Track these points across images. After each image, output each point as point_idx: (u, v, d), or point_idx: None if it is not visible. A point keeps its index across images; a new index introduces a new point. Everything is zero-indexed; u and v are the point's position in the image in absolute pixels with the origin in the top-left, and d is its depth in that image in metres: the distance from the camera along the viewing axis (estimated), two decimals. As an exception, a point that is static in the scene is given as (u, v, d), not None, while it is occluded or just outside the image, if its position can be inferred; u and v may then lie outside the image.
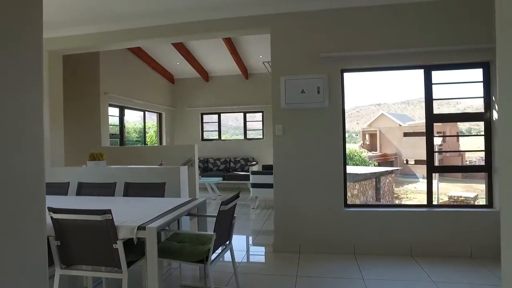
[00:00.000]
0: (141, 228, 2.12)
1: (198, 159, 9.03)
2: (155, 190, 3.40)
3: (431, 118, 3.68)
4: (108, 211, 2.08)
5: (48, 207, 2.18)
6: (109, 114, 6.50)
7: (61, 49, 4.67)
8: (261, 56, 7.98)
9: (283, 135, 3.77)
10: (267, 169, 7.06)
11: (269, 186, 6.06)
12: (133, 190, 3.47)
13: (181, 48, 7.43)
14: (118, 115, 7.01)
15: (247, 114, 9.25)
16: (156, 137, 9.04)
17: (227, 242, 2.74)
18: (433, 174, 3.69)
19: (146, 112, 8.25)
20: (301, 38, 3.75)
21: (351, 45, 3.62)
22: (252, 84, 8.99)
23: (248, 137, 9.30)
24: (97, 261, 2.23)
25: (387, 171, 15.70)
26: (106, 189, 3.52)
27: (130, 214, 2.51)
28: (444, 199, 12.99)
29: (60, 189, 3.64)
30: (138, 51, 7.51)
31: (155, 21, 4.18)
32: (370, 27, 3.60)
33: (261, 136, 9.17)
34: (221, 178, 7.86)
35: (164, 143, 9.02)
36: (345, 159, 3.76)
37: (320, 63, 3.69)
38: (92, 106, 6.20)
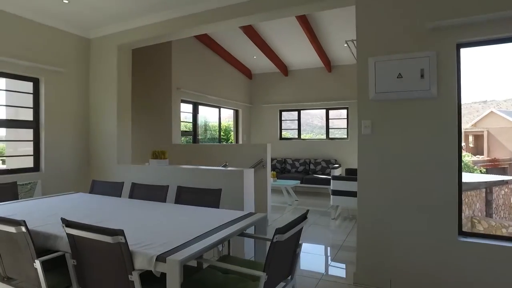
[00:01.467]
0: (161, 258, 1.54)
1: (276, 159, 8.46)
2: (209, 197, 2.85)
3: None
4: (120, 232, 1.54)
5: (61, 219, 1.75)
6: (181, 110, 6.29)
7: (129, 43, 4.50)
8: (345, 45, 6.99)
9: (372, 134, 2.88)
10: (351, 174, 6.09)
11: (353, 194, 5.12)
12: (185, 195, 2.98)
13: (257, 40, 6.90)
14: (191, 111, 6.80)
15: (329, 111, 8.32)
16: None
17: (289, 277, 2.02)
18: None
19: (221, 109, 7.96)
20: (397, 5, 2.81)
21: (475, 6, 2.54)
22: (335, 78, 8.03)
23: (330, 136, 8.36)
24: (114, 292, 1.73)
25: (503, 180, 13.01)
26: (158, 192, 3.11)
27: (162, 232, 1.97)
28: None
29: (113, 189, 3.37)
30: (213, 45, 7.22)
31: (222, 2, 3.68)
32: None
33: (345, 136, 8.15)
34: (299, 182, 7.12)
35: (240, 141, 8.66)
36: (460, 170, 2.70)
37: (426, 37, 2.70)
38: (164, 101, 6.05)
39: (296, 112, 8.68)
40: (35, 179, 4.19)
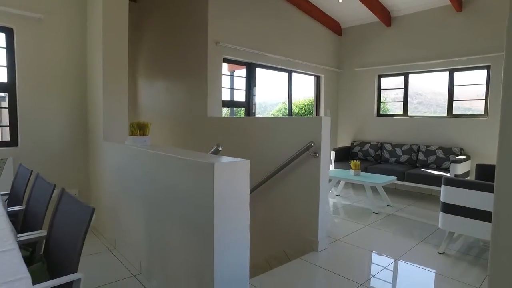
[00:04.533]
0: None
1: (369, 143, 6.18)
2: (73, 217, 1.22)
3: None
4: None
5: None
6: (224, 73, 4.67)
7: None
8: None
9: None
10: (485, 175, 3.58)
11: (483, 216, 2.75)
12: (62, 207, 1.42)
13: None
14: (244, 75, 5.11)
15: (455, 73, 5.52)
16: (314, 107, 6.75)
17: None
18: None
19: (293, 74, 6.04)
20: None
21: None
22: (469, 19, 5.16)
23: (455, 112, 5.58)
24: None
25: None
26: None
27: None
28: None
29: (17, 184, 2.05)
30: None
31: None
32: None
33: (481, 112, 5.28)
34: (395, 178, 4.80)
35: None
36: None
37: None
38: (197, 61, 4.52)
39: (402, 78, 6.11)
40: (8, 156, 3.28)
